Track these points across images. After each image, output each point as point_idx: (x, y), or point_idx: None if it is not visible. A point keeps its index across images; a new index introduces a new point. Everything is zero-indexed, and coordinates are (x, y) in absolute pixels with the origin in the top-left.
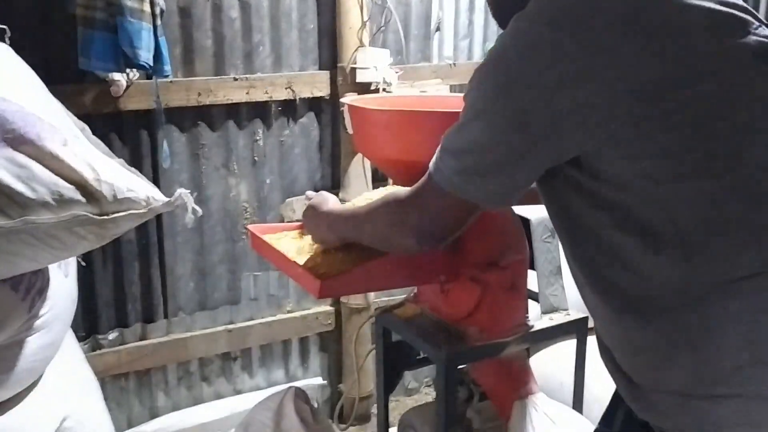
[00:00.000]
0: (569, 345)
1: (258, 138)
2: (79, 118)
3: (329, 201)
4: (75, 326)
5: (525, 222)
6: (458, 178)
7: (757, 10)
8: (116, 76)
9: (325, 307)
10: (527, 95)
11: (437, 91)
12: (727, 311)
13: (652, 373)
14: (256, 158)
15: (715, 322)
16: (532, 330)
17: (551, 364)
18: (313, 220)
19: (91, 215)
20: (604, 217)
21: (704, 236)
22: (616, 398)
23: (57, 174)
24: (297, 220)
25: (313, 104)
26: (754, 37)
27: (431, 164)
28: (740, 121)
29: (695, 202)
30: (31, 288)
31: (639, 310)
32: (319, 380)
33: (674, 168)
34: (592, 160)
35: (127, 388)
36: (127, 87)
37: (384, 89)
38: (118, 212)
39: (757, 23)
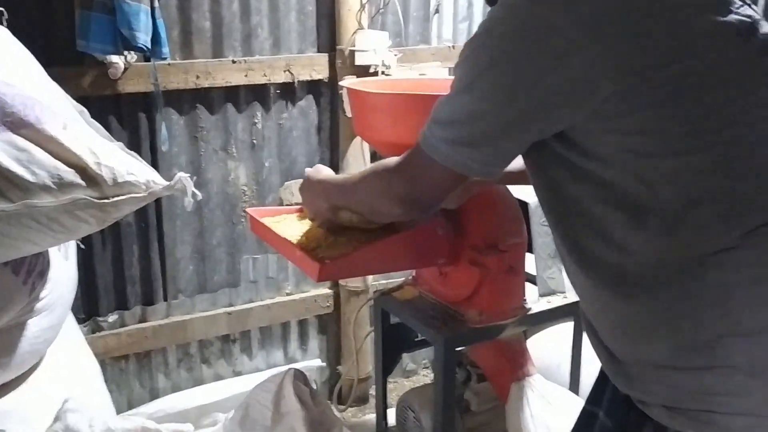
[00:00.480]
0: (566, 327)
1: (257, 121)
2: (77, 100)
3: (323, 171)
4: (75, 309)
5: (524, 205)
6: (446, 147)
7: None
8: (114, 58)
9: (324, 290)
10: (516, 70)
11: (436, 74)
12: (705, 284)
13: (631, 346)
14: (254, 141)
15: (692, 295)
16: (530, 312)
17: (548, 346)
18: (308, 190)
19: (91, 199)
20: (588, 190)
21: (684, 210)
22: (603, 376)
23: (57, 158)
24: (296, 203)
25: (312, 87)
26: (736, 16)
27: (420, 134)
28: (722, 98)
29: (677, 176)
30: (32, 271)
31: (620, 283)
32: (317, 362)
33: (657, 143)
34: (577, 134)
35: (127, 370)
36: (125, 69)
37: (383, 72)
38: (118, 196)
39: (739, 2)
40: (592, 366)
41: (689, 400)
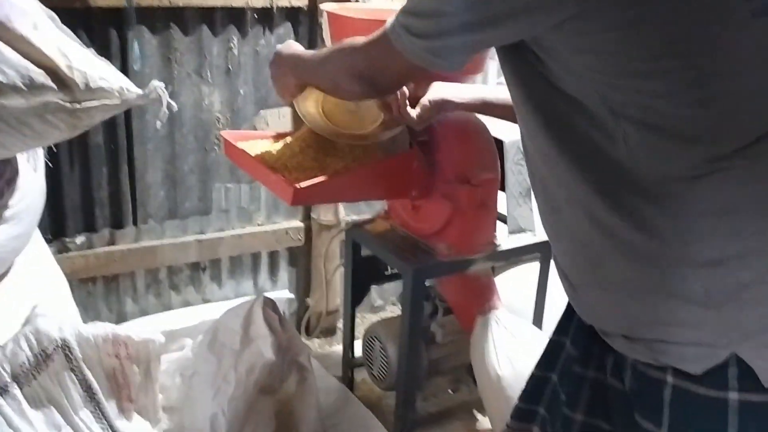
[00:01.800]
0: (533, 267)
1: (233, 46)
2: None
3: (293, 46)
4: (42, 228)
5: (498, 143)
6: (405, 35)
7: None
8: None
9: (296, 223)
10: None
11: None
12: (664, 211)
13: (589, 271)
14: (230, 67)
15: (651, 221)
16: (499, 249)
17: (515, 284)
18: (277, 65)
19: (62, 103)
20: (564, 105)
21: (645, 135)
22: (570, 308)
23: (27, 58)
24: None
25: (291, 14)
26: None
27: (390, 18)
28: (691, 24)
29: (638, 101)
30: (0, 178)
31: (584, 200)
32: (286, 293)
33: (618, 65)
34: (542, 51)
35: (95, 292)
36: None
37: (364, 0)
38: (90, 101)
39: None
40: (555, 305)
41: (644, 329)
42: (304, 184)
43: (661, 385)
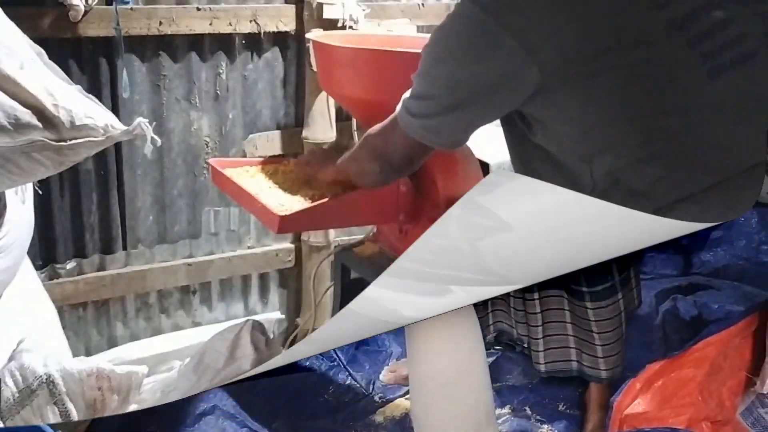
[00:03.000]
0: None
1: (221, 71)
2: (36, 42)
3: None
4: (32, 255)
5: (484, 165)
6: (406, 116)
7: None
8: (74, 0)
9: (286, 244)
10: (457, 65)
11: (404, 31)
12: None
13: None
14: (218, 92)
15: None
16: None
17: None
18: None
19: (48, 141)
20: (545, 164)
21: (606, 187)
22: None
23: (13, 98)
24: (259, 156)
25: (278, 39)
26: (678, 4)
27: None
28: (642, 91)
29: (603, 159)
30: None
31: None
32: (277, 314)
33: (583, 133)
34: (525, 119)
35: (85, 317)
36: (86, 12)
37: (350, 27)
38: (76, 139)
39: None
40: None
41: None
42: (288, 212)
43: None
